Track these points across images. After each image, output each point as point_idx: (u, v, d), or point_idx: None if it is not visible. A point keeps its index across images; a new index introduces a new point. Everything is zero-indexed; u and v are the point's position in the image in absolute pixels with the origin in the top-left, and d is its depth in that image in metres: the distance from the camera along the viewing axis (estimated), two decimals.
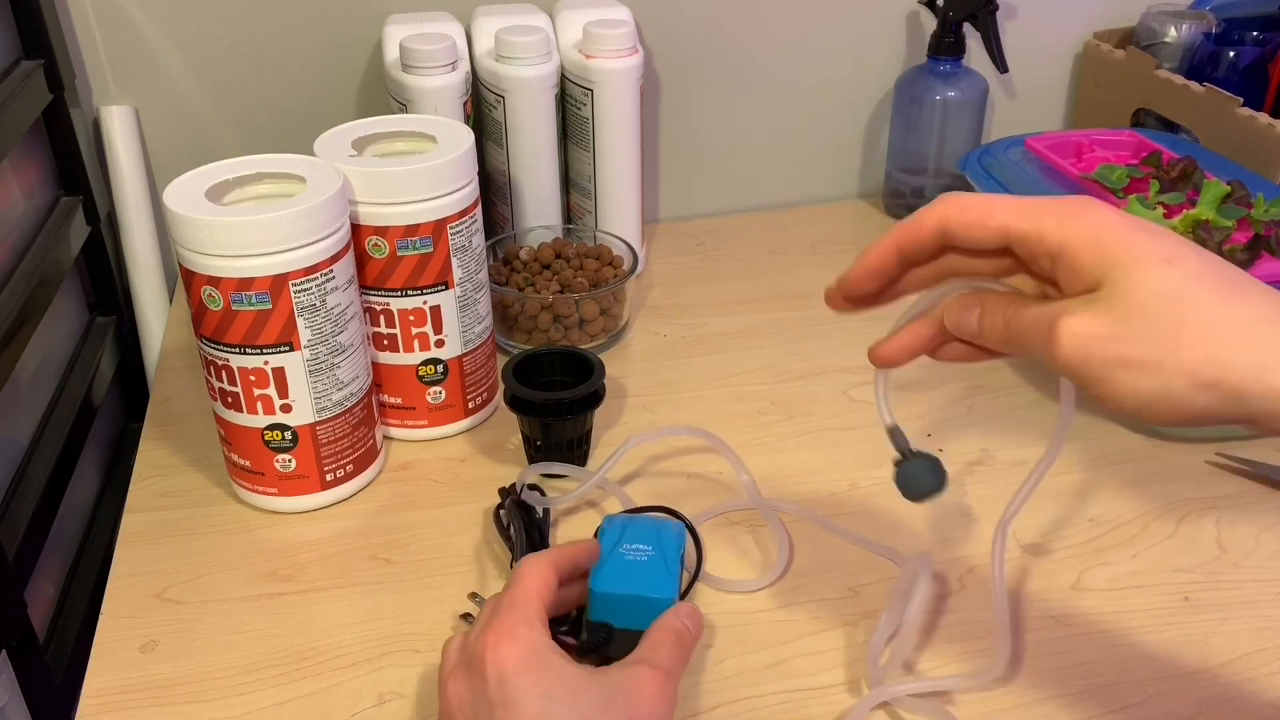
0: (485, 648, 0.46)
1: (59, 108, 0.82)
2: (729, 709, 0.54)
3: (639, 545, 0.56)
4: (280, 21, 0.90)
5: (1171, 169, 0.79)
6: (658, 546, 0.56)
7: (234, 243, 0.59)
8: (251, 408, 0.63)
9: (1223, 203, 0.72)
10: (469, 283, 0.70)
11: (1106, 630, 0.58)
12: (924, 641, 0.57)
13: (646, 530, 0.58)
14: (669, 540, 0.57)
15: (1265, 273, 0.68)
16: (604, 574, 0.55)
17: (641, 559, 0.55)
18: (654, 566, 0.55)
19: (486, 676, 0.45)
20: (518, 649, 0.46)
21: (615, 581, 0.54)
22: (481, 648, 0.46)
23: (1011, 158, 0.87)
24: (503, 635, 0.46)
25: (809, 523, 0.66)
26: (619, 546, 0.56)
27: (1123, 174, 0.79)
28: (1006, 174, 0.85)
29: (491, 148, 0.89)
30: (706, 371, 0.81)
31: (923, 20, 1.02)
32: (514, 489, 0.65)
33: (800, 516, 0.66)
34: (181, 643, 0.58)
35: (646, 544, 0.56)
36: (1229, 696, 0.54)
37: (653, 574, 0.55)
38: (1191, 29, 0.98)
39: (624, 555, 0.56)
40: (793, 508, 0.66)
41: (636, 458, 0.71)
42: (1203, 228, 0.70)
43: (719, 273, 0.96)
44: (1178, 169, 0.79)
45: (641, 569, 0.55)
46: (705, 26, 0.98)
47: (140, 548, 0.65)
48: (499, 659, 0.45)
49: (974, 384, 0.79)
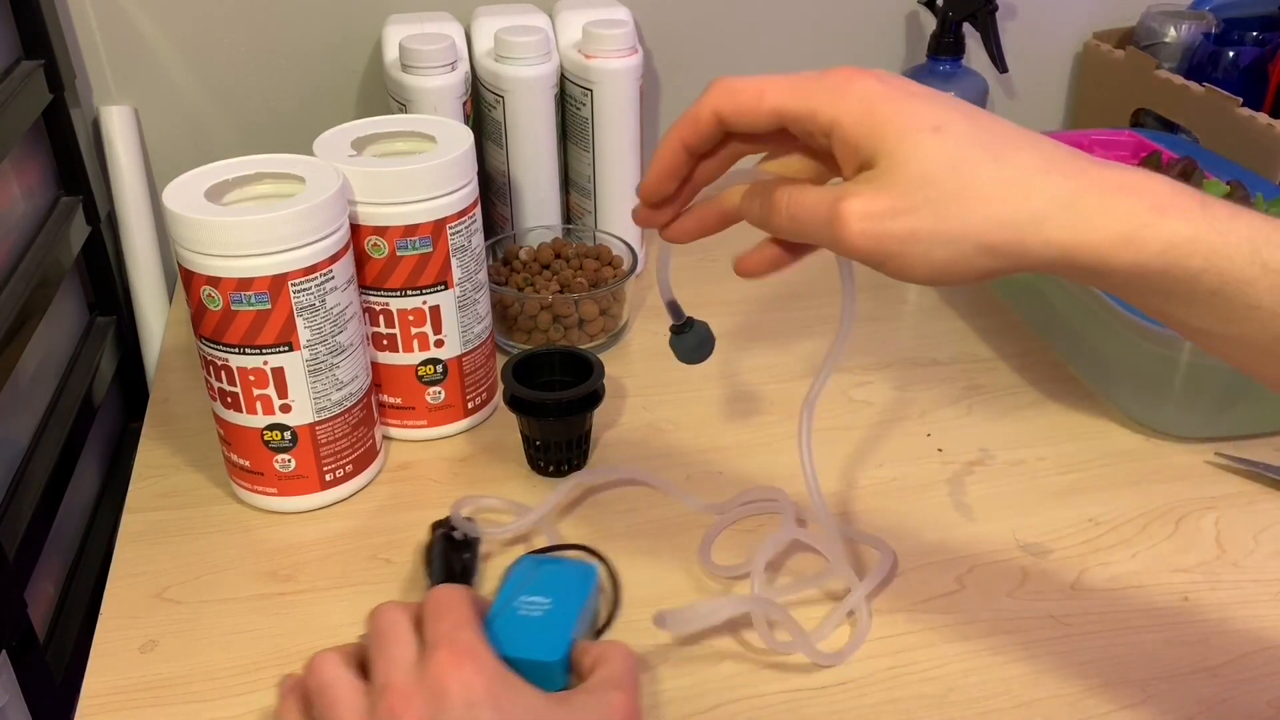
0: (444, 671, 0.42)
1: (59, 108, 0.82)
2: (729, 709, 0.54)
3: (536, 598, 0.52)
4: (280, 21, 0.90)
5: (1171, 169, 0.79)
6: (559, 598, 0.52)
7: (233, 243, 0.59)
8: (251, 408, 0.63)
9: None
10: (468, 283, 0.70)
11: (1106, 630, 0.58)
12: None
13: (552, 578, 0.54)
14: (573, 590, 0.53)
15: None
16: (492, 630, 0.49)
17: (535, 614, 0.51)
18: (546, 624, 0.51)
19: (449, 700, 0.41)
20: (483, 675, 0.42)
21: (500, 640, 0.49)
22: (439, 671, 0.42)
23: None
24: (463, 657, 0.43)
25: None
26: (516, 599, 0.52)
27: None
28: None
29: (491, 148, 0.89)
30: (706, 371, 0.81)
31: (922, 20, 1.02)
32: (446, 522, 0.62)
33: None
34: (181, 643, 0.58)
35: (547, 595, 0.52)
36: (1229, 696, 0.54)
37: (542, 632, 0.50)
38: (1191, 29, 0.99)
39: (517, 610, 0.51)
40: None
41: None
42: None
43: (719, 273, 0.95)
44: (1177, 169, 0.79)
45: (531, 626, 0.51)
46: (705, 26, 0.98)
47: (140, 548, 0.65)
48: (465, 683, 0.42)
49: (974, 384, 0.79)
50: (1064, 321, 0.81)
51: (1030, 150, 0.40)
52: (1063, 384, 0.79)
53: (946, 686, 0.55)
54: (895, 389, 0.79)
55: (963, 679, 0.55)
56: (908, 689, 0.55)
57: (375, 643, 0.45)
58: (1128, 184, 0.39)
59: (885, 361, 0.82)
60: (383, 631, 0.46)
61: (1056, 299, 0.80)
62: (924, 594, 0.60)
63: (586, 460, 0.71)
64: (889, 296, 0.92)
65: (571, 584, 0.54)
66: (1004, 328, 0.86)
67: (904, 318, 0.89)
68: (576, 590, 0.54)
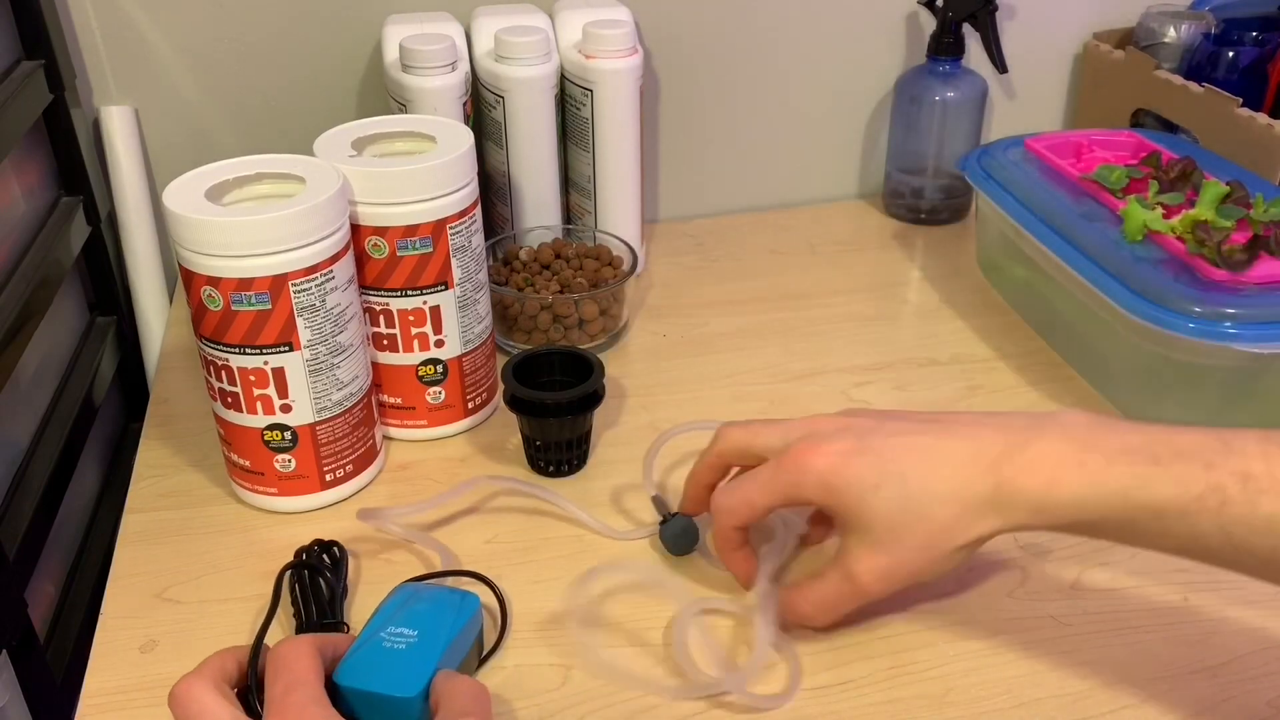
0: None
1: (59, 108, 0.82)
2: (730, 709, 0.54)
3: (403, 629, 0.51)
4: (280, 21, 0.90)
5: (1171, 169, 0.79)
6: (428, 630, 0.51)
7: (234, 243, 0.59)
8: (251, 408, 0.63)
9: (1222, 203, 0.72)
10: (469, 283, 0.70)
11: (1106, 630, 0.58)
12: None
13: (427, 607, 0.52)
14: (445, 622, 0.52)
15: (1264, 273, 0.68)
16: (351, 664, 0.49)
17: (399, 647, 0.50)
18: (409, 657, 0.49)
19: None
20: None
21: (358, 674, 0.48)
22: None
23: (1011, 158, 0.87)
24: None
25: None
26: (383, 629, 0.51)
27: (1122, 174, 0.79)
28: (1006, 175, 0.85)
29: (491, 148, 0.89)
30: (706, 371, 0.81)
31: (922, 21, 1.02)
32: (312, 549, 0.61)
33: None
34: (181, 643, 0.58)
35: (414, 627, 0.51)
36: (1228, 696, 0.54)
37: (402, 666, 0.49)
38: (1191, 29, 0.98)
39: (381, 641, 0.50)
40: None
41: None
42: (1201, 228, 0.70)
43: (719, 273, 0.96)
44: (1177, 169, 0.79)
45: (393, 660, 0.49)
46: (705, 26, 0.98)
47: (140, 548, 0.65)
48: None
49: (973, 384, 0.79)
50: (1064, 321, 0.81)
51: (952, 456, 0.51)
52: (1063, 384, 0.79)
53: (946, 686, 0.55)
54: (895, 389, 0.79)
55: (963, 679, 0.55)
56: (907, 689, 0.55)
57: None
58: (1028, 466, 0.49)
59: (885, 361, 0.82)
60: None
61: (1056, 299, 0.80)
62: (924, 594, 0.60)
63: (586, 460, 0.71)
64: (889, 296, 0.92)
65: (445, 614, 0.52)
66: (1004, 328, 0.86)
67: (904, 318, 0.89)
68: (449, 621, 0.52)
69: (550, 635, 0.58)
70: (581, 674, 0.56)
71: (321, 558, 0.60)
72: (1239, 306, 0.66)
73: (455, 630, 0.52)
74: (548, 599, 0.60)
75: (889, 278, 0.96)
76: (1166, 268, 0.70)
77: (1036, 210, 0.80)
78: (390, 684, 0.48)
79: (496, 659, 0.57)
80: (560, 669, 0.56)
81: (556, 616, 0.59)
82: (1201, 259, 0.69)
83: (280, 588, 0.59)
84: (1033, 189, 0.82)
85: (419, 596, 0.53)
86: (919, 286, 0.95)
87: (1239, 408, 0.71)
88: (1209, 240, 0.69)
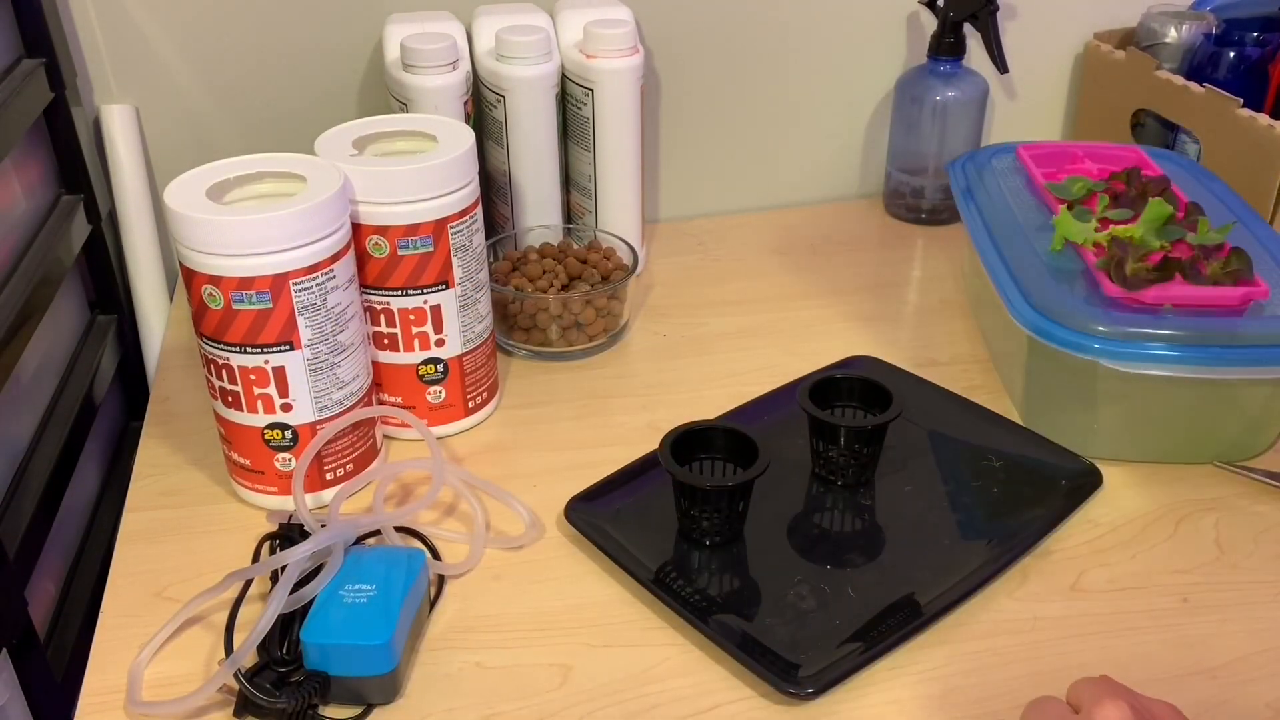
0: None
1: (60, 106, 0.82)
2: (730, 708, 0.54)
3: (361, 585, 0.55)
4: (281, 21, 0.90)
5: (1134, 185, 0.78)
6: (382, 584, 0.55)
7: (235, 242, 0.59)
8: (252, 407, 0.63)
9: (1166, 224, 0.71)
10: (469, 282, 0.70)
11: (1106, 631, 0.58)
12: None
13: (378, 565, 0.56)
14: (396, 575, 0.56)
15: (1171, 295, 0.66)
16: (317, 622, 0.52)
17: (360, 601, 0.54)
18: (371, 609, 0.53)
19: None
20: None
21: (327, 630, 0.52)
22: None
23: (997, 165, 0.86)
24: None
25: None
26: (340, 589, 0.54)
27: (1084, 186, 0.78)
28: (984, 181, 0.84)
29: (492, 147, 0.89)
30: (706, 371, 0.81)
31: (923, 20, 1.02)
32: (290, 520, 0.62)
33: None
34: (181, 642, 0.58)
35: (372, 582, 0.55)
36: (1227, 698, 0.54)
37: (369, 618, 0.53)
38: (1191, 30, 0.99)
39: (342, 598, 0.54)
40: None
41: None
42: (1117, 244, 0.69)
43: (719, 273, 0.96)
44: (1139, 186, 0.77)
45: (358, 613, 0.53)
46: (705, 26, 0.98)
47: (140, 547, 0.65)
48: None
49: (974, 384, 0.79)
50: (994, 328, 0.77)
51: None
52: None
53: (946, 687, 0.55)
54: None
55: (962, 679, 0.55)
56: (909, 689, 0.55)
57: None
58: None
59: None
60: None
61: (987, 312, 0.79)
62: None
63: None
64: (889, 296, 0.92)
65: (397, 568, 0.56)
66: None
67: (904, 318, 0.89)
68: (402, 574, 0.56)
69: (550, 635, 0.58)
70: (581, 674, 0.56)
71: (300, 528, 0.62)
72: (1109, 324, 0.65)
73: (410, 581, 0.56)
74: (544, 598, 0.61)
75: (889, 278, 0.96)
76: (1071, 279, 0.69)
77: (990, 218, 0.79)
78: (361, 634, 0.52)
79: (496, 659, 0.57)
80: (560, 669, 0.56)
81: (557, 616, 0.60)
82: (1105, 275, 0.68)
83: (259, 555, 0.62)
84: (1000, 197, 0.81)
85: (368, 556, 0.57)
86: (919, 286, 0.95)
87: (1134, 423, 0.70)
88: (1119, 255, 0.68)
